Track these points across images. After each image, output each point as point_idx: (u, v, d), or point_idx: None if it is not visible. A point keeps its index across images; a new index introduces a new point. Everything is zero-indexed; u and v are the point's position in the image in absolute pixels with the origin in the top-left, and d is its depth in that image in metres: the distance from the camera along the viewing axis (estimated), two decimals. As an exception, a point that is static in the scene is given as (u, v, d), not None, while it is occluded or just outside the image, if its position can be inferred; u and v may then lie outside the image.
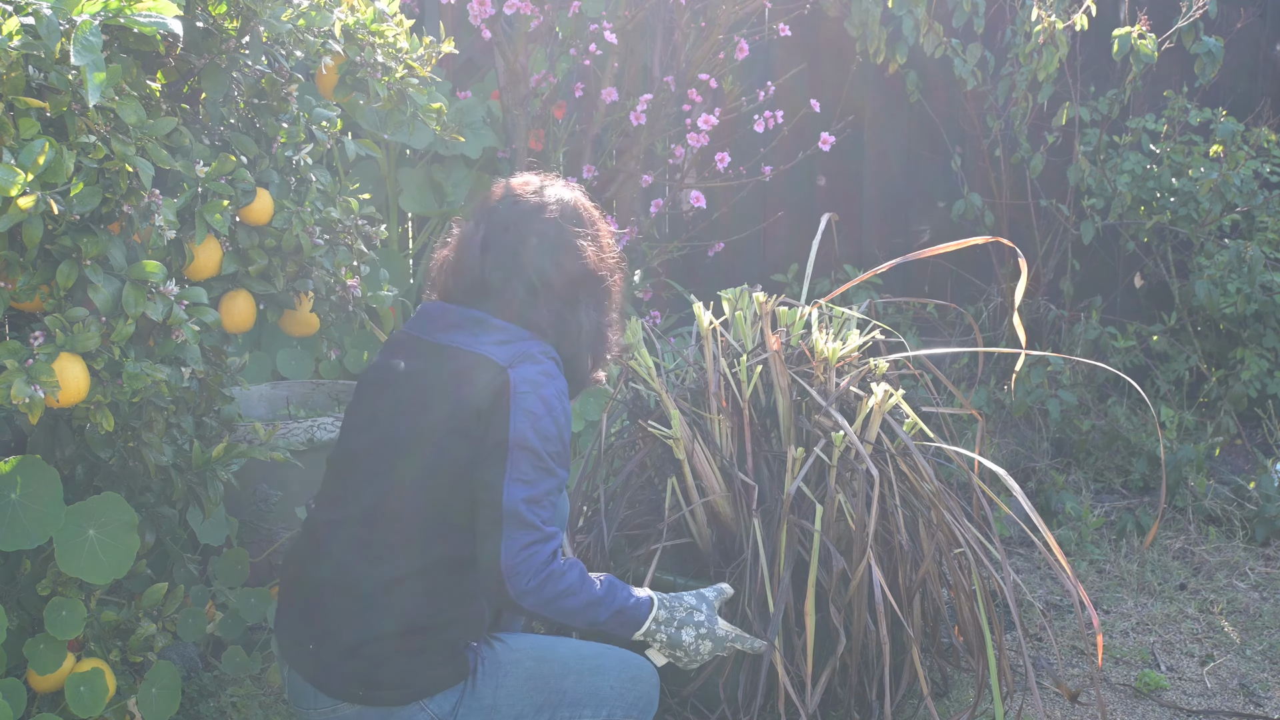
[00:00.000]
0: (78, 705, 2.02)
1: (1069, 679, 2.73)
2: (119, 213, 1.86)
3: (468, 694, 1.91)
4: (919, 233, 4.40)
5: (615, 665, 2.01)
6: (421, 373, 1.95)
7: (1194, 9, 3.85)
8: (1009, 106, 3.99)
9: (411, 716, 1.88)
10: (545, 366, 1.91)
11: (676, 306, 4.19)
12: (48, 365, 1.79)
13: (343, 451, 2.01)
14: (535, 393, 1.87)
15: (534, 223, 1.99)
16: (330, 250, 2.35)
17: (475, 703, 1.91)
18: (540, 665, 1.96)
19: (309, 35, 2.22)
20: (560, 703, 1.95)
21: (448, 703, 1.89)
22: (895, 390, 2.40)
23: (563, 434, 1.90)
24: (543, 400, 1.87)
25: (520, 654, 1.97)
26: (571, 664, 1.98)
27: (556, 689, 1.95)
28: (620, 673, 2.00)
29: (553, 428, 1.88)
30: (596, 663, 2.00)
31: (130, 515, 2.07)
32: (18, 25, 1.66)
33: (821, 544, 2.30)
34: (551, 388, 1.90)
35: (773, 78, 3.84)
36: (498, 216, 2.02)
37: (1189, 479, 3.60)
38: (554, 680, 1.96)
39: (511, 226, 2.00)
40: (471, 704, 1.90)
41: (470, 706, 1.90)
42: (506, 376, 1.87)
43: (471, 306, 1.98)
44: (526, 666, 1.96)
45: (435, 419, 1.89)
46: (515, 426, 1.85)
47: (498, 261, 1.98)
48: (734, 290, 2.56)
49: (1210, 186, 3.85)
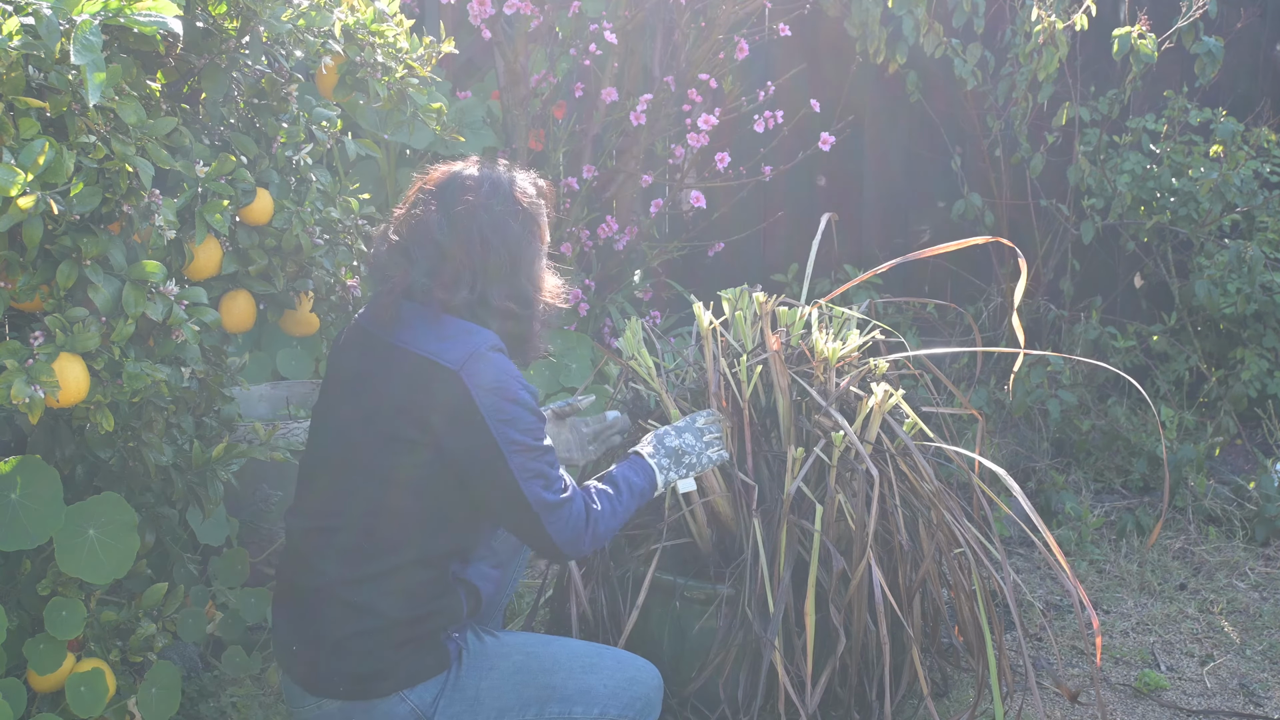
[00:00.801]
0: (78, 705, 2.02)
1: (1069, 679, 2.73)
2: (119, 213, 1.86)
3: (450, 685, 1.91)
4: (919, 233, 4.40)
5: (611, 664, 2.00)
6: (373, 375, 1.91)
7: (1194, 9, 3.85)
8: (1009, 106, 3.99)
9: (393, 708, 1.88)
10: (495, 360, 1.87)
11: (676, 306, 4.19)
12: (48, 365, 1.79)
13: (309, 455, 2.01)
14: (500, 397, 1.85)
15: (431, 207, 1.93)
16: (330, 250, 2.35)
17: (458, 694, 1.91)
18: (529, 660, 1.96)
19: (309, 35, 2.22)
20: (549, 698, 1.94)
21: (429, 693, 1.89)
22: (895, 390, 2.40)
23: (535, 412, 1.89)
24: (509, 400, 1.86)
25: (510, 648, 1.97)
26: (563, 660, 1.98)
27: (545, 684, 1.95)
28: (616, 672, 2.00)
29: (529, 417, 1.88)
30: (591, 661, 2.00)
31: (130, 515, 2.07)
32: (18, 25, 1.66)
33: (821, 544, 2.30)
34: (510, 382, 1.87)
35: (773, 78, 3.84)
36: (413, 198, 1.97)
37: (1189, 479, 3.60)
38: (543, 675, 1.95)
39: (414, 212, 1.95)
40: (454, 695, 1.91)
41: (452, 698, 1.90)
42: (463, 384, 1.83)
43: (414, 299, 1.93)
44: (515, 660, 1.96)
45: (390, 426, 1.87)
46: (500, 434, 1.85)
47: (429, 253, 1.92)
48: (734, 290, 2.56)
49: (1210, 186, 3.85)
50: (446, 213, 1.92)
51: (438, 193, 1.94)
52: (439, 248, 1.91)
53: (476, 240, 1.91)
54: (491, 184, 1.95)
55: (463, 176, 1.96)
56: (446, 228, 1.91)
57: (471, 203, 1.92)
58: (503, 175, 1.98)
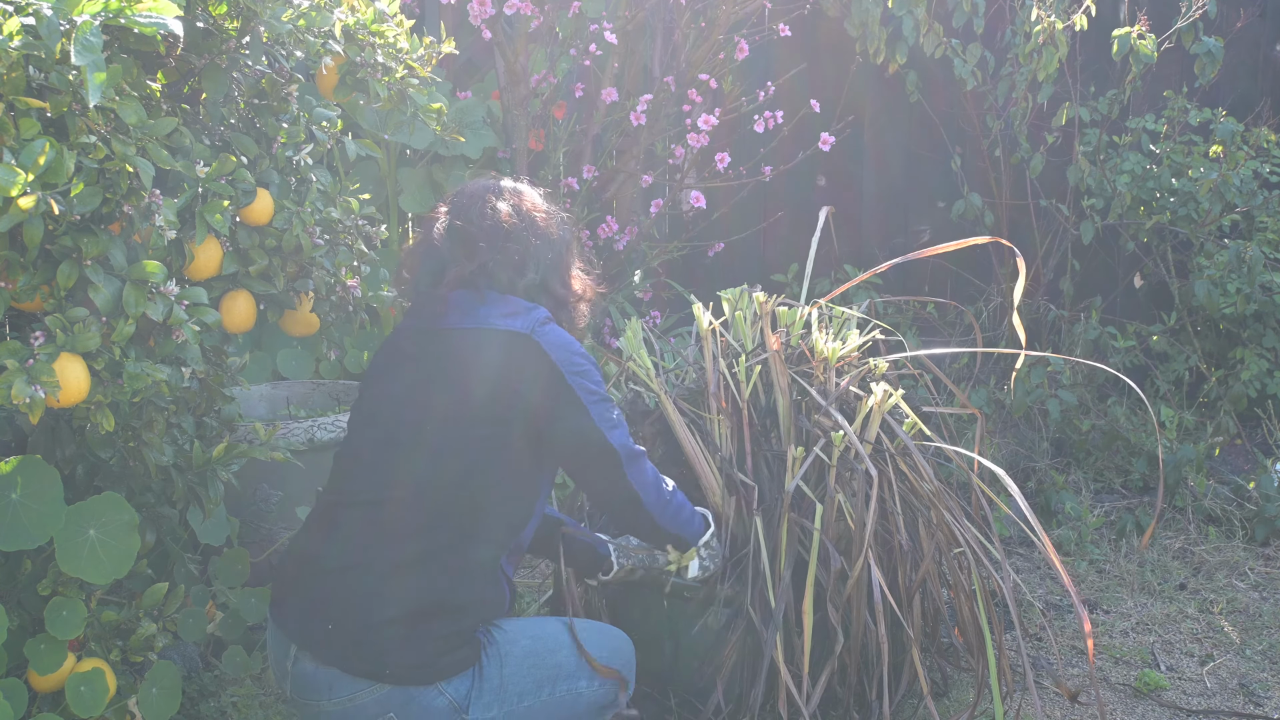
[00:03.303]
0: (78, 705, 2.02)
1: (1069, 679, 2.73)
2: (119, 213, 1.86)
3: (478, 677, 1.95)
4: (919, 233, 4.40)
5: (596, 637, 2.09)
6: (435, 355, 2.03)
7: (1194, 9, 3.85)
8: (1009, 106, 4.00)
9: (431, 700, 1.90)
10: (555, 326, 2.05)
11: (676, 306, 4.19)
12: (48, 365, 1.79)
13: (356, 441, 2.07)
14: (570, 352, 2.02)
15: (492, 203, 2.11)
16: (330, 250, 2.35)
17: (486, 685, 1.95)
18: (535, 643, 2.02)
19: (309, 35, 2.22)
20: (557, 677, 2.01)
21: (463, 686, 1.93)
22: (895, 390, 2.40)
23: (598, 368, 2.09)
24: (578, 354, 2.03)
25: (515, 633, 2.02)
26: (561, 638, 2.05)
27: (552, 664, 2.01)
28: (602, 643, 2.09)
29: (596, 371, 2.06)
30: (581, 636, 2.08)
31: (131, 515, 2.07)
32: (18, 25, 1.66)
33: (821, 543, 2.30)
34: (572, 341, 2.06)
35: (773, 78, 3.84)
36: (459, 204, 2.14)
37: (1189, 479, 3.60)
38: (549, 656, 2.02)
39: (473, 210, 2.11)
40: (483, 687, 1.94)
41: (481, 689, 1.94)
42: (537, 344, 1.99)
43: (472, 285, 2.08)
44: (523, 645, 2.01)
45: (462, 397, 1.97)
46: (579, 385, 2.01)
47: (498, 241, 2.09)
48: (734, 290, 2.56)
49: (1210, 186, 3.85)
50: (515, 208, 2.12)
51: (499, 191, 2.14)
52: (508, 235, 2.09)
53: (539, 231, 2.12)
54: (533, 193, 2.20)
55: (511, 183, 2.20)
56: (515, 218, 2.10)
57: (529, 201, 2.15)
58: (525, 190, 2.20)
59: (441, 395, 1.99)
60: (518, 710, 1.97)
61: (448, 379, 2.00)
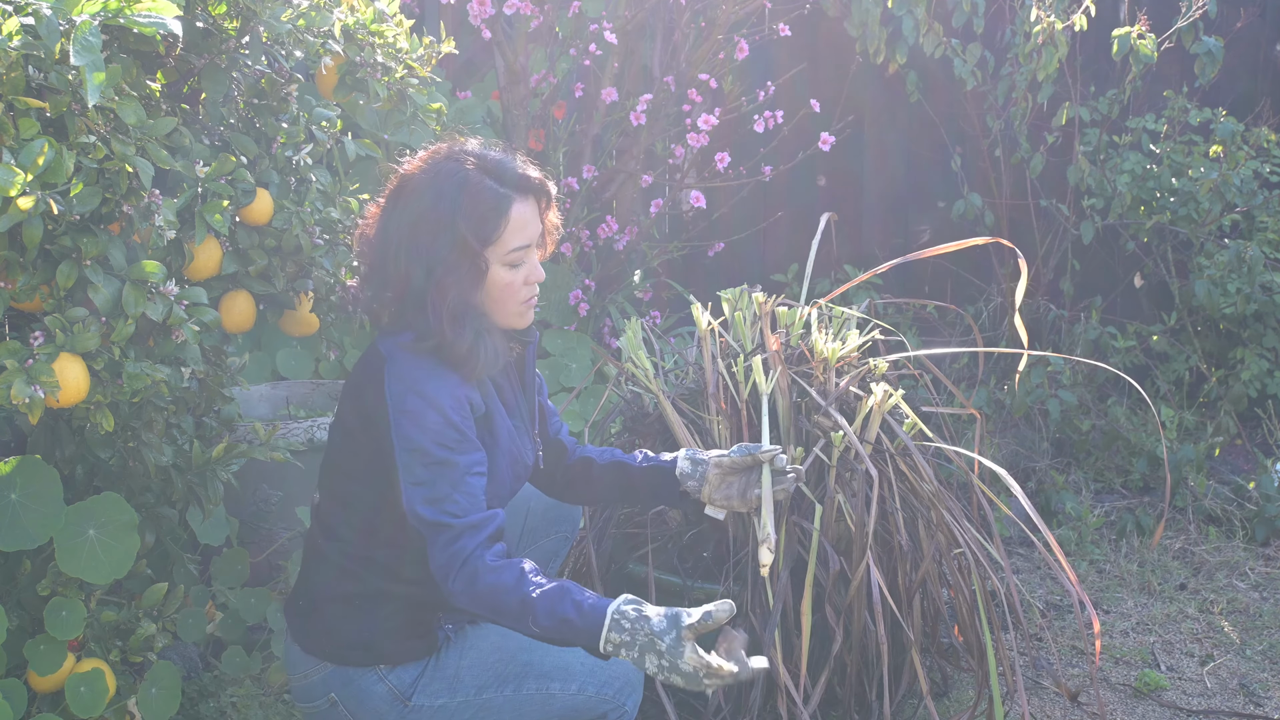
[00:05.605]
0: (78, 705, 2.02)
1: (1069, 679, 2.73)
2: (119, 213, 1.86)
3: (431, 666, 1.94)
4: (919, 233, 4.40)
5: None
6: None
7: (1194, 9, 3.85)
8: (1009, 106, 3.99)
9: (370, 685, 1.91)
10: (418, 359, 1.83)
11: (676, 306, 4.19)
12: (48, 365, 1.79)
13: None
14: (411, 389, 1.80)
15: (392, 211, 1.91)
16: (330, 250, 2.35)
17: (438, 673, 1.94)
18: (506, 639, 1.97)
19: (309, 35, 2.22)
20: (526, 675, 1.93)
21: (409, 675, 1.92)
22: (895, 390, 2.40)
23: (449, 419, 1.80)
24: (420, 395, 1.79)
25: (488, 628, 1.99)
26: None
27: (523, 661, 1.94)
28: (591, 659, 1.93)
29: (437, 419, 1.79)
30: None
31: (130, 515, 2.07)
32: (18, 25, 1.66)
33: (820, 544, 2.30)
34: (428, 379, 1.81)
35: (773, 78, 3.84)
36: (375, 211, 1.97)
37: (1189, 479, 3.60)
38: (520, 653, 1.95)
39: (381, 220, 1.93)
40: (434, 674, 1.93)
41: (433, 676, 1.93)
42: (382, 371, 1.82)
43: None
44: (492, 640, 1.98)
45: (340, 413, 1.96)
46: (398, 428, 1.79)
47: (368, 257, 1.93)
48: (734, 290, 2.56)
49: (1210, 186, 3.85)
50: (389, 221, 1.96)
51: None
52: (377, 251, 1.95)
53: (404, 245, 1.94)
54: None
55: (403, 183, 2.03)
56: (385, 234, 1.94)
57: None
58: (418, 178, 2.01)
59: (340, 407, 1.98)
60: (475, 701, 1.93)
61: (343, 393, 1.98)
